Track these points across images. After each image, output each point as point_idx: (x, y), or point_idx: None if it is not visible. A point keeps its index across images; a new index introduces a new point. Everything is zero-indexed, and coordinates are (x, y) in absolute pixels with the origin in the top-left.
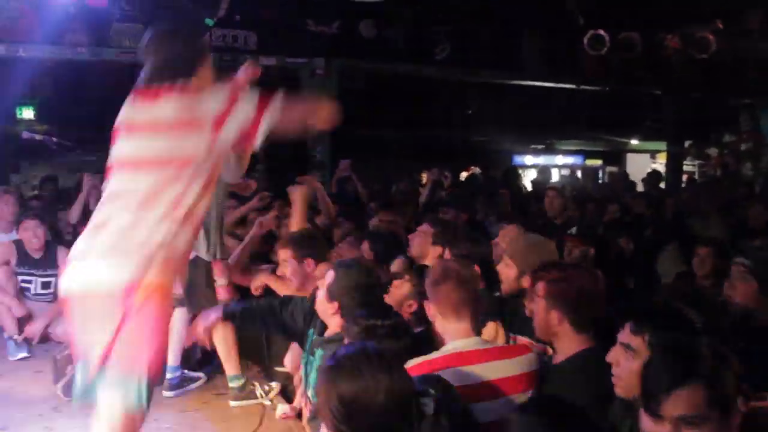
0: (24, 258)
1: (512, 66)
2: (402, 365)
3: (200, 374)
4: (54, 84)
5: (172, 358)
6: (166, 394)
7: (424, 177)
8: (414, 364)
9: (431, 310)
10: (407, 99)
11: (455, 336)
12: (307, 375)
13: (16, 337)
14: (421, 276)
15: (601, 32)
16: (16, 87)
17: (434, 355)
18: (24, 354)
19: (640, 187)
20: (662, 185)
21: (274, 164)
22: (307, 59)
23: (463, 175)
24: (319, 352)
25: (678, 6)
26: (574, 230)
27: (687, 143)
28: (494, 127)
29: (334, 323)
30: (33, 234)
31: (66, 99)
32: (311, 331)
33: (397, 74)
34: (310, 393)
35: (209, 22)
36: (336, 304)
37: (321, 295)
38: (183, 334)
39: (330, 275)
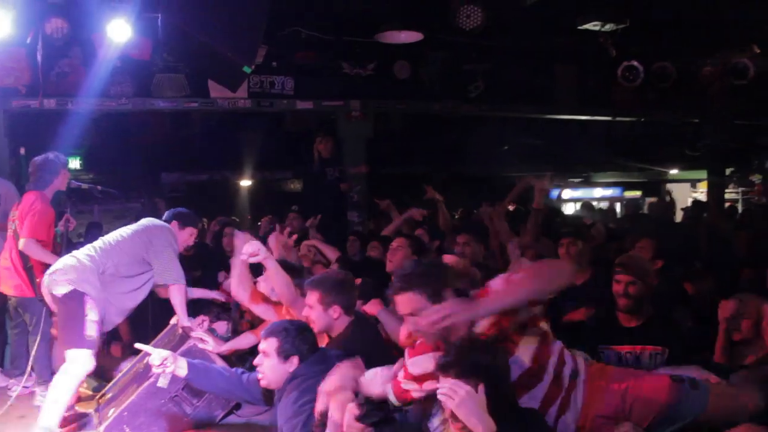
0: None
1: (546, 100)
2: None
3: None
4: (98, 134)
5: None
6: None
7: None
8: None
9: None
10: (443, 138)
11: None
12: None
13: None
14: None
15: (635, 63)
16: (64, 139)
17: None
18: None
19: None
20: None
21: (310, 204)
22: (342, 102)
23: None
24: None
25: (711, 33)
26: None
27: (729, 170)
28: (530, 162)
29: None
30: None
31: (110, 148)
32: None
33: (432, 114)
34: None
35: (247, 69)
36: None
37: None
38: None
39: None
